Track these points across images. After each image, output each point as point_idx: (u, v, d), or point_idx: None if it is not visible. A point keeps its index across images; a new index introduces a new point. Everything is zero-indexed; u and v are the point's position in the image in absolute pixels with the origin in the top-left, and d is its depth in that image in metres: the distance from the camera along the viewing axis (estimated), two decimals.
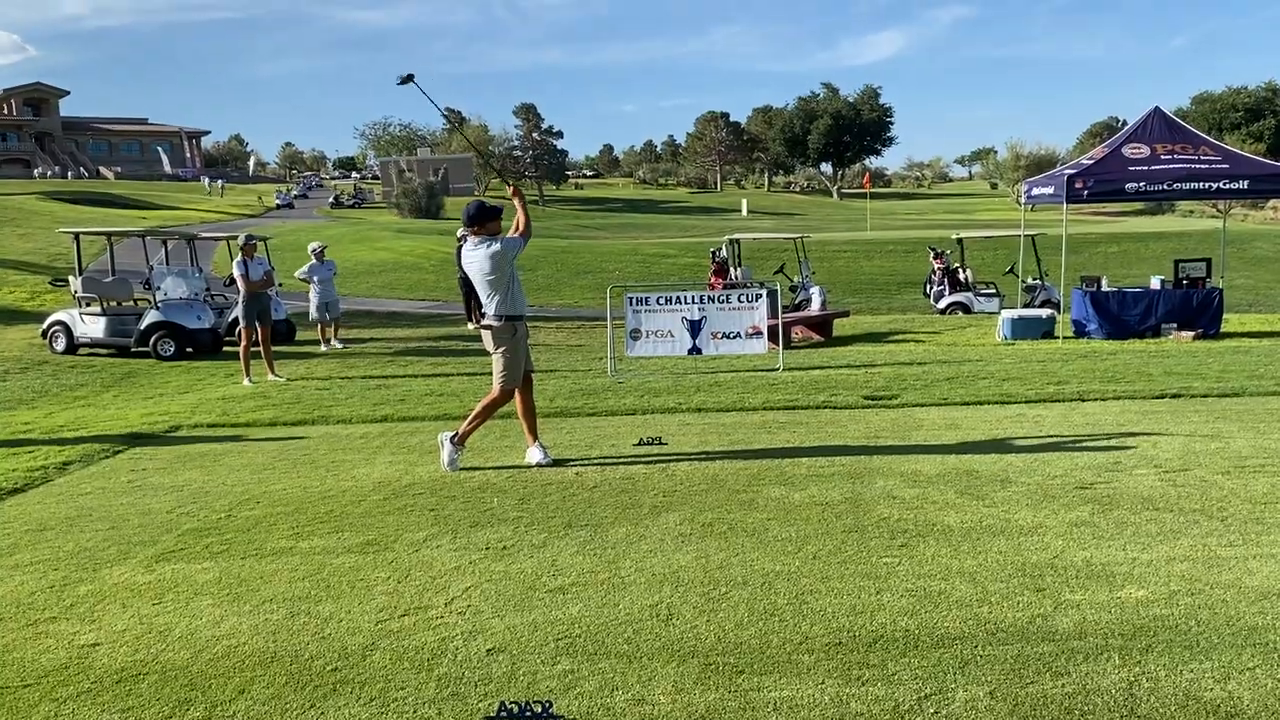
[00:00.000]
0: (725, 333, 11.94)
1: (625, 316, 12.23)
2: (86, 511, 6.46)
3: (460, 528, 5.78)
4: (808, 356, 14.03)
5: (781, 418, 8.95)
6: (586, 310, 24.83)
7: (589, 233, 53.46)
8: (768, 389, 10.51)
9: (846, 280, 31.05)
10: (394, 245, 39.20)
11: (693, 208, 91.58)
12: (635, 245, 41.16)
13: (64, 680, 3.88)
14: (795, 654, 3.89)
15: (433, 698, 3.63)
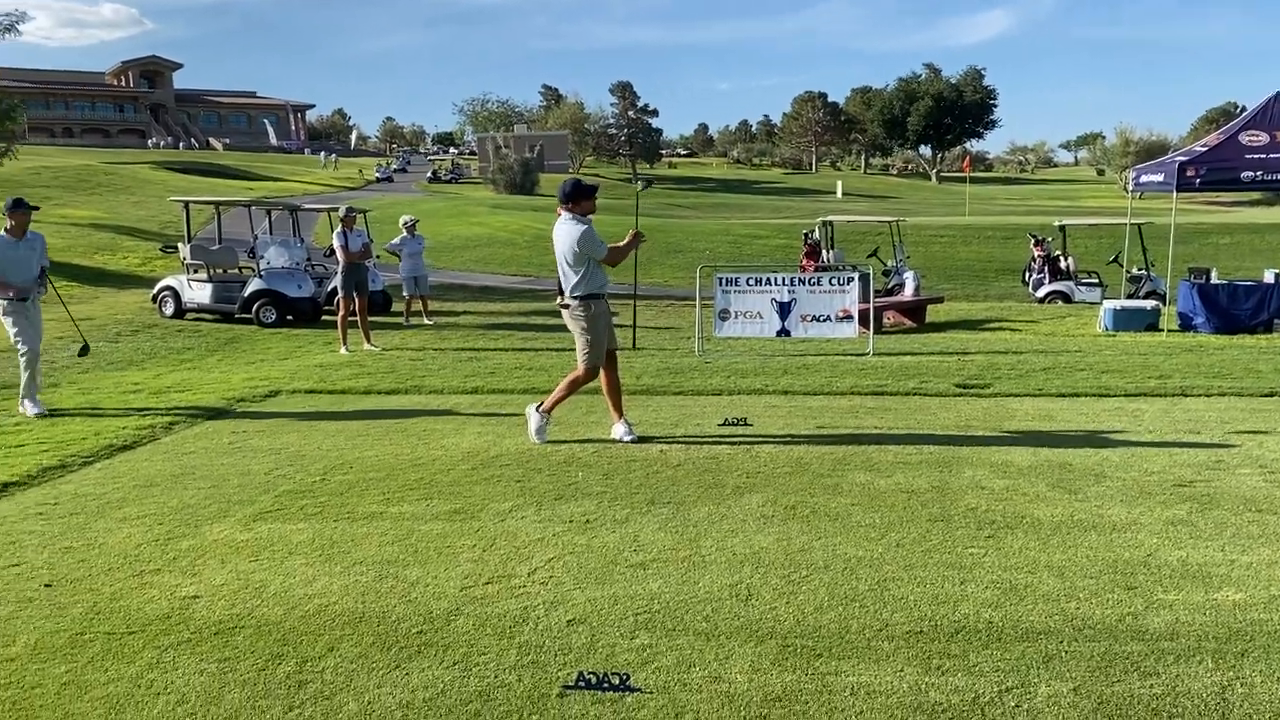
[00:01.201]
0: (815, 315, 11.83)
1: (714, 296, 12.20)
2: (190, 470, 6.73)
3: (545, 500, 5.87)
4: (899, 342, 13.81)
5: (869, 403, 8.85)
6: (676, 289, 24.84)
7: (681, 212, 53.37)
8: (856, 373, 10.39)
9: (942, 266, 30.44)
10: (489, 220, 39.70)
11: (786, 189, 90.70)
12: (727, 225, 40.97)
13: (165, 629, 4.07)
14: (875, 640, 3.86)
15: (513, 664, 3.71)
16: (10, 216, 8.59)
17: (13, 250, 8.63)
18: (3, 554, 5.02)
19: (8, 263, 8.60)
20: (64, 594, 4.46)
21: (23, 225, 8.66)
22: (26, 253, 8.73)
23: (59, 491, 6.24)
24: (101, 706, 3.42)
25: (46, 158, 50.77)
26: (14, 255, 8.63)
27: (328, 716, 3.33)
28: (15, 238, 8.66)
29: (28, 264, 8.72)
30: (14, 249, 8.64)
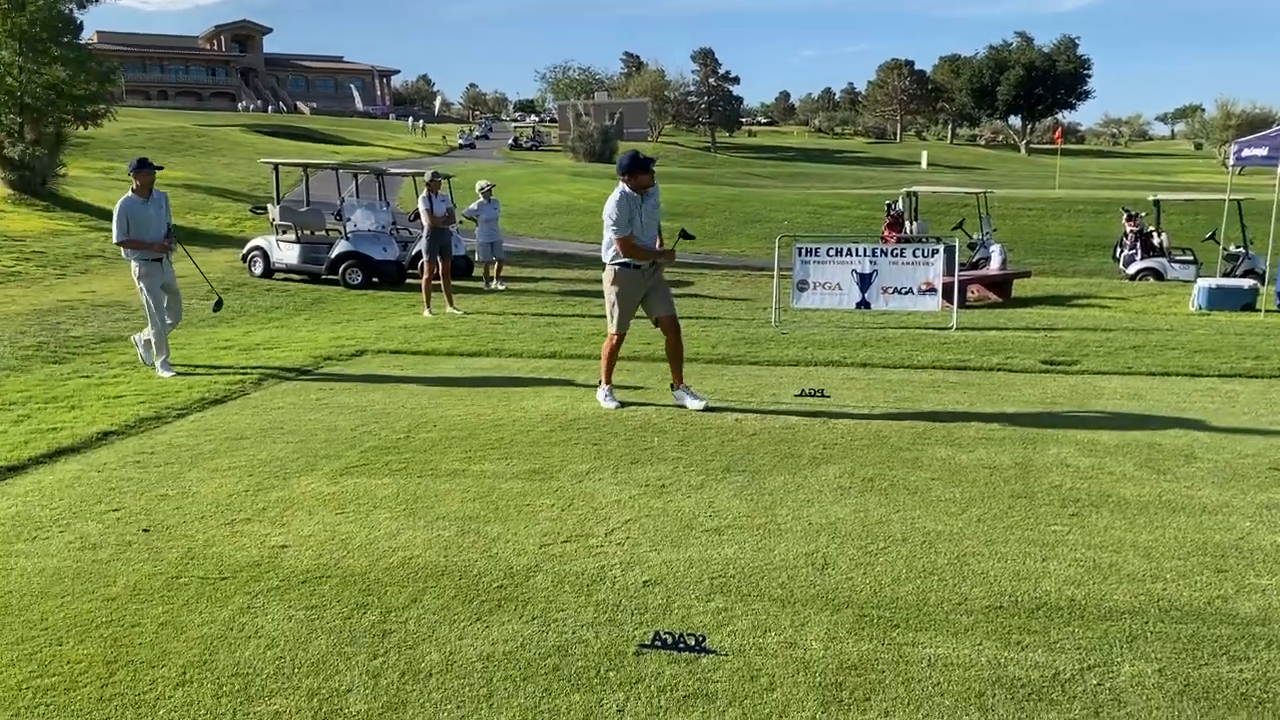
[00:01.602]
0: (897, 288, 11.64)
1: (793, 267, 12.09)
2: (278, 424, 6.93)
3: (621, 463, 5.92)
4: (983, 316, 13.55)
5: (952, 378, 8.71)
6: (753, 259, 24.68)
7: (759, 181, 52.87)
8: (938, 348, 10.23)
9: (1029, 240, 29.69)
10: (568, 188, 39.83)
11: (869, 158, 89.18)
12: (806, 195, 40.48)
13: (256, 576, 4.21)
14: (953, 614, 3.83)
15: (590, 621, 3.77)
16: (136, 176, 8.63)
17: (142, 209, 8.66)
18: (103, 499, 5.24)
19: (139, 221, 8.64)
20: (160, 539, 4.65)
21: (148, 185, 8.70)
22: (155, 211, 8.77)
23: (155, 441, 6.48)
24: (197, 647, 3.57)
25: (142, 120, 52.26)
26: (144, 214, 8.66)
27: (411, 666, 3.43)
28: (143, 198, 8.68)
29: (158, 223, 8.77)
30: (143, 208, 8.66)
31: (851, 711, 3.15)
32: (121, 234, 8.60)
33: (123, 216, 8.59)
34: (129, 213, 8.61)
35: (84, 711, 3.13)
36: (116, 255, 18.90)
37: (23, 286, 14.89)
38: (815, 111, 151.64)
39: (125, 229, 8.60)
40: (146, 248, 8.69)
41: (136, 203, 8.64)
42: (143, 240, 8.67)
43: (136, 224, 8.63)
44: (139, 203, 8.65)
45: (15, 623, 3.76)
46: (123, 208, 8.59)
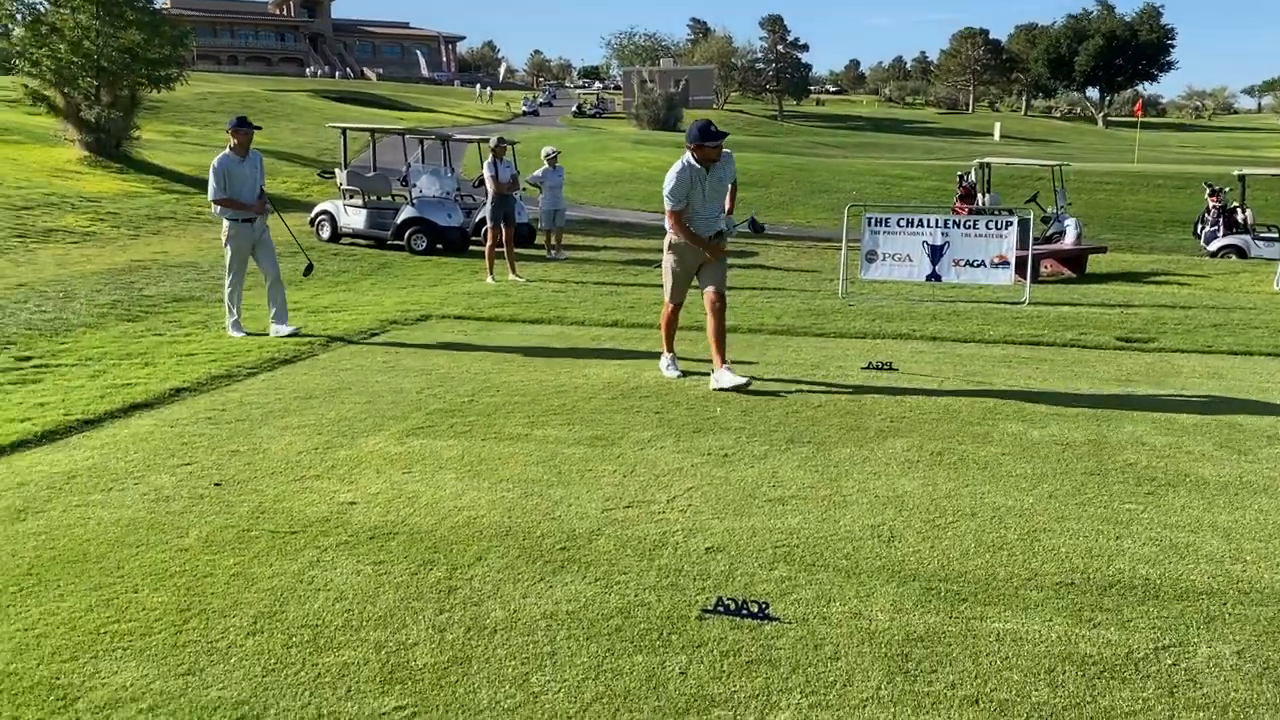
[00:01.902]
0: (969, 260, 11.40)
1: (861, 237, 11.91)
2: (346, 385, 7.02)
3: (683, 432, 5.90)
4: (1057, 292, 13.24)
5: (1024, 353, 8.53)
6: (819, 230, 24.39)
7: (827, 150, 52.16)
8: (1010, 322, 10.02)
9: (1106, 214, 28.91)
10: (631, 156, 39.67)
11: (940, 129, 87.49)
12: (875, 165, 39.86)
13: (325, 531, 4.28)
14: (1023, 589, 3.76)
15: (653, 585, 3.76)
16: (234, 134, 8.57)
17: (238, 168, 8.57)
18: (176, 454, 5.36)
19: (235, 180, 8.55)
20: (232, 493, 4.74)
21: (245, 143, 8.63)
22: (251, 171, 8.70)
23: (226, 399, 6.61)
24: (267, 598, 3.63)
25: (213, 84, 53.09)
26: (240, 173, 8.58)
27: (476, 622, 3.45)
28: (240, 156, 8.61)
29: (253, 182, 8.69)
30: (239, 167, 8.58)
31: (918, 682, 3.10)
32: (219, 191, 8.51)
33: (220, 174, 8.49)
34: (226, 170, 8.51)
35: (160, 656, 3.21)
36: (188, 217, 19.32)
37: (98, 246, 15.27)
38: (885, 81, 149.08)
39: (223, 186, 8.50)
40: (241, 207, 8.62)
41: (233, 161, 8.56)
42: (237, 199, 8.60)
43: (232, 182, 8.53)
44: (235, 161, 8.57)
45: (93, 570, 3.86)
46: (220, 165, 8.50)
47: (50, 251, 14.29)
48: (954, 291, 12.19)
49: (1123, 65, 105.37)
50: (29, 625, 3.40)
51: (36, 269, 12.69)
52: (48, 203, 17.91)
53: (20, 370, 7.36)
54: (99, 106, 23.18)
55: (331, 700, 2.96)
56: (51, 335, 8.73)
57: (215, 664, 3.17)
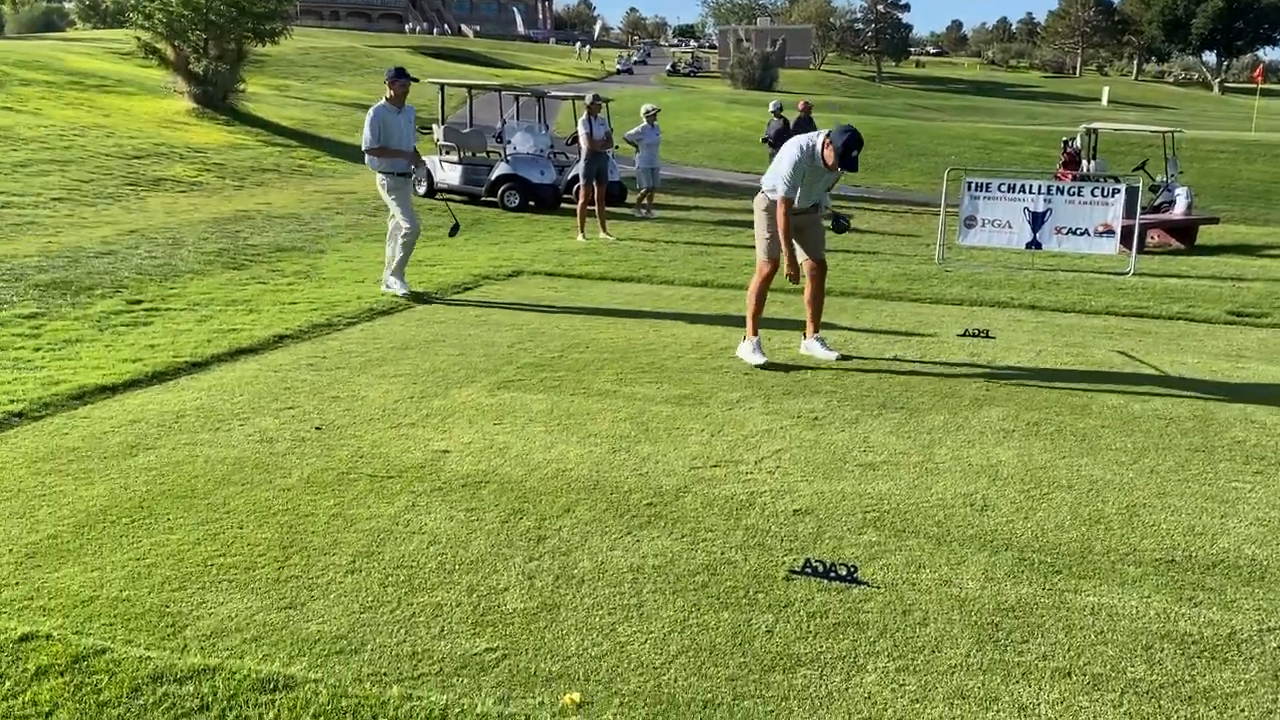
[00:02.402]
0: (1071, 228, 11.04)
1: (960, 202, 11.62)
2: (440, 337, 7.14)
3: (773, 394, 5.87)
4: (1164, 263, 12.76)
5: (1127, 324, 8.26)
6: (915, 194, 23.87)
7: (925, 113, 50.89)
8: (1114, 293, 9.71)
9: (1219, 184, 27.69)
10: (724, 116, 39.26)
11: (1044, 93, 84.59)
12: (976, 129, 38.76)
13: (420, 477, 4.38)
14: (1120, 564, 3.67)
15: (740, 544, 3.77)
16: (391, 85, 8.40)
17: (394, 119, 8.39)
18: (279, 397, 5.53)
19: (392, 131, 8.38)
20: (332, 437, 4.88)
21: (402, 95, 8.43)
22: (405, 123, 8.50)
23: (326, 347, 6.78)
24: (365, 538, 3.74)
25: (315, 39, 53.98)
26: (395, 123, 8.39)
27: (564, 571, 3.51)
28: (396, 107, 8.42)
29: (407, 134, 8.50)
30: (395, 117, 8.40)
31: (1008, 651, 3.06)
32: (373, 140, 8.35)
33: (375, 123, 8.34)
34: (381, 120, 8.36)
35: (262, 590, 3.33)
36: (290, 170, 19.78)
37: (204, 196, 15.74)
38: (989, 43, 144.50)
39: (377, 135, 8.36)
40: (395, 155, 8.44)
41: (389, 111, 8.39)
42: (393, 150, 8.43)
43: (387, 132, 8.37)
44: (391, 111, 8.40)
45: (200, 505, 4.03)
46: (375, 114, 8.37)
47: (159, 199, 14.78)
48: (1055, 260, 11.84)
49: (1243, 29, 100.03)
50: (140, 555, 3.57)
51: (147, 216, 13.15)
52: (157, 152, 18.50)
53: (132, 313, 7.65)
54: (207, 59, 23.78)
55: (425, 639, 3.05)
56: (161, 280, 9.06)
57: (315, 599, 3.28)
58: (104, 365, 6.06)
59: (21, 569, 3.43)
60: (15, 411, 5.10)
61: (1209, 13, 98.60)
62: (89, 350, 6.49)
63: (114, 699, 2.67)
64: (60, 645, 2.92)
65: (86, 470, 4.37)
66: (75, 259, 9.77)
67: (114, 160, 17.08)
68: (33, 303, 7.80)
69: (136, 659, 2.86)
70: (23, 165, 15.37)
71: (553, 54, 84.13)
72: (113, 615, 3.14)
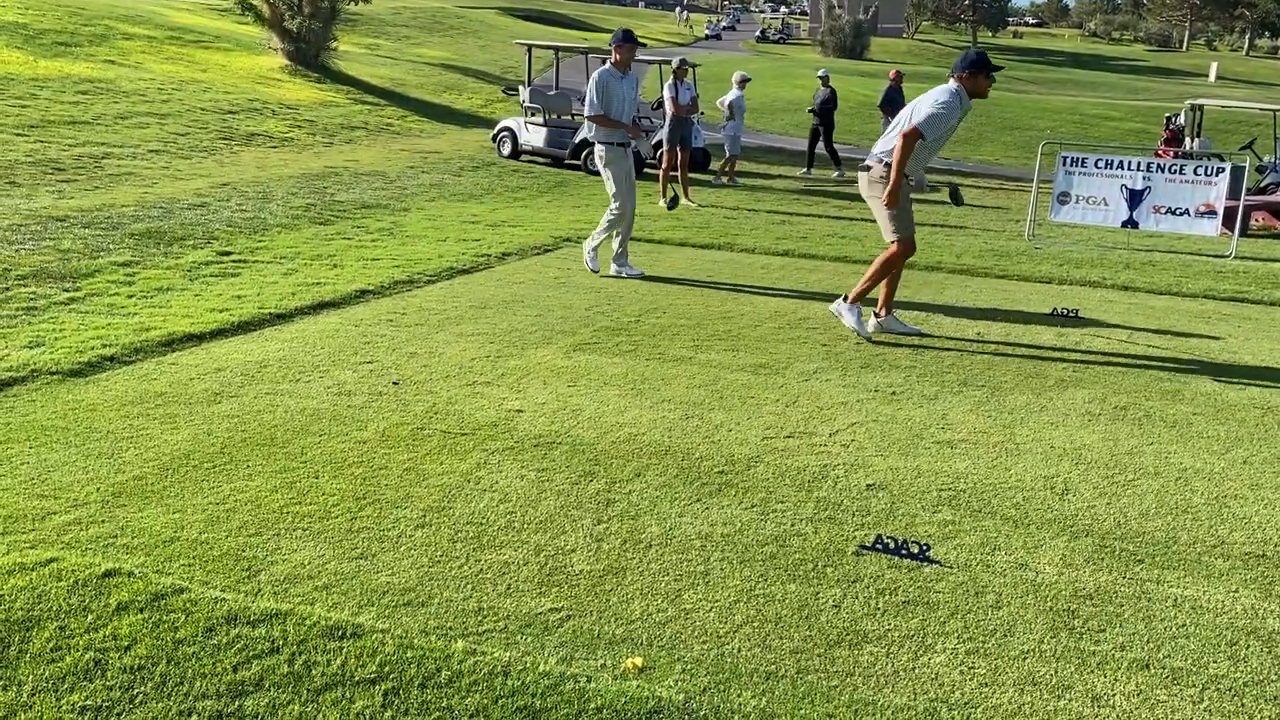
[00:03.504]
0: (1171, 208, 10.64)
1: (1055, 178, 11.27)
2: (519, 298, 7.18)
3: (850, 367, 5.77)
4: (1268, 247, 12.24)
5: (1225, 309, 7.94)
6: (1007, 169, 23.24)
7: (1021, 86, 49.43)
8: (1212, 276, 9.33)
9: None
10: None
11: (1147, 68, 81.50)
12: (1074, 103, 37.55)
13: (493, 435, 4.41)
14: (1206, 556, 3.53)
15: (810, 516, 3.72)
16: (617, 50, 7.92)
17: (618, 85, 7.93)
18: (359, 351, 5.61)
19: (613, 97, 7.92)
20: (408, 393, 4.94)
21: (628, 60, 7.96)
22: (629, 90, 8.04)
23: (406, 304, 6.86)
24: (437, 493, 3.78)
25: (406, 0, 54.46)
26: (618, 90, 7.94)
27: (632, 535, 3.50)
28: (621, 73, 7.97)
29: (630, 102, 8.05)
30: (619, 84, 7.94)
31: (1084, 639, 2.97)
32: (598, 106, 7.88)
33: (600, 88, 7.87)
34: (605, 85, 7.89)
35: (335, 539, 3.39)
36: (379, 128, 20.02)
37: (295, 151, 16.02)
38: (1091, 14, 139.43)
39: (602, 102, 7.89)
40: (615, 126, 7.95)
41: (613, 77, 7.92)
42: (613, 118, 7.95)
43: (609, 99, 7.91)
44: (616, 77, 7.93)
45: (279, 454, 4.11)
46: (599, 79, 7.90)
47: (251, 154, 15.10)
48: (1151, 240, 11.44)
49: None
50: (220, 500, 3.66)
51: (239, 170, 13.44)
52: (251, 108, 18.88)
53: (221, 264, 7.84)
54: (301, 17, 24.13)
55: (491, 596, 3.07)
56: (250, 233, 9.25)
57: (386, 551, 3.33)
58: (192, 314, 6.22)
59: (107, 508, 3.54)
60: (108, 355, 5.27)
61: None
62: (179, 299, 6.66)
63: (189, 637, 2.75)
64: (141, 583, 3.00)
65: (172, 415, 4.49)
66: (170, 210, 10.04)
67: (209, 115, 17.47)
68: (128, 251, 8.04)
69: (212, 600, 2.93)
70: (123, 117, 15.82)
71: (642, 17, 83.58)
72: (191, 556, 3.22)
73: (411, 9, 48.04)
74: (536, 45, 19.41)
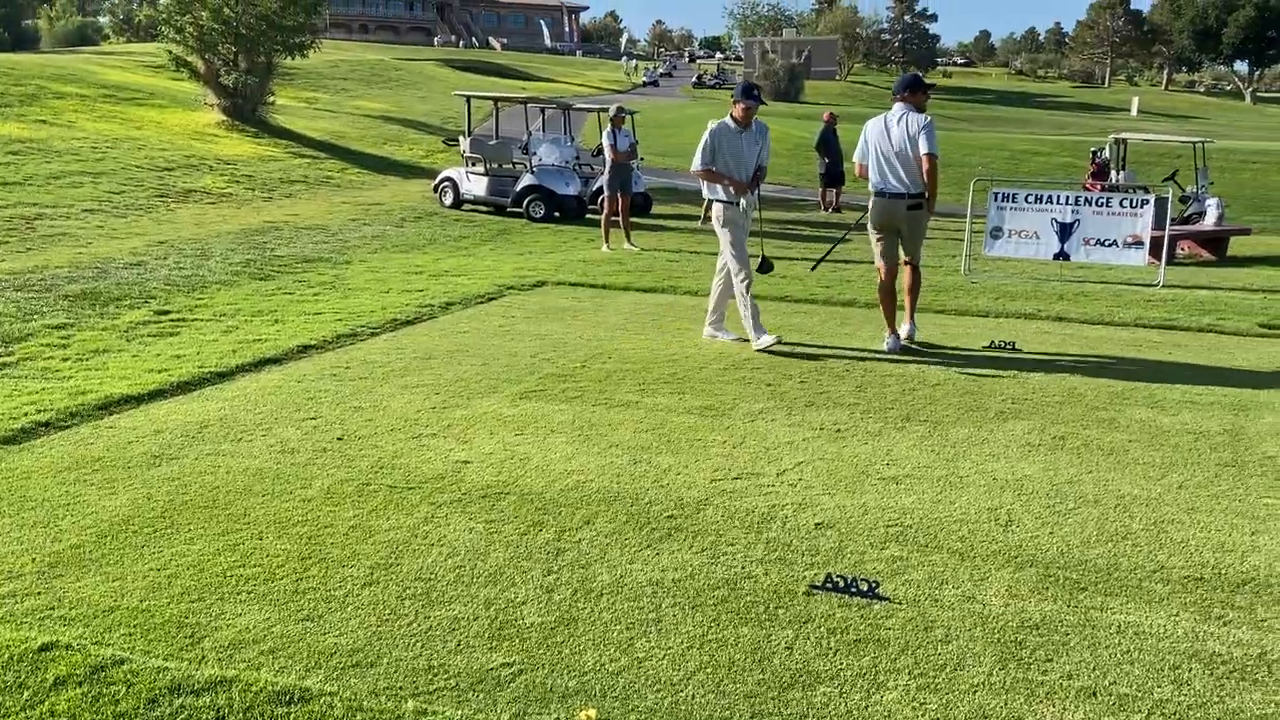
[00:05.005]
0: (1100, 239, 10.93)
1: (987, 213, 11.54)
2: (463, 347, 7.16)
3: (795, 405, 5.83)
4: (1194, 275, 12.62)
5: (1155, 337, 8.16)
6: (941, 205, 23.74)
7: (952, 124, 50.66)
8: (1142, 305, 9.60)
9: (1251, 195, 27.38)
10: None
11: (1072, 104, 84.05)
12: (1003, 139, 38.54)
13: (440, 488, 4.38)
14: (1147, 581, 3.61)
15: (760, 558, 3.74)
16: (735, 105, 7.35)
17: (734, 139, 7.28)
18: (302, 408, 5.55)
19: (728, 153, 7.29)
20: (353, 448, 4.89)
21: (749, 116, 7.30)
22: (749, 145, 7.34)
23: (350, 357, 6.81)
24: (384, 550, 3.74)
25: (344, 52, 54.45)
26: (735, 145, 7.29)
27: (583, 584, 3.49)
28: (739, 127, 7.31)
29: (749, 158, 7.36)
30: (735, 138, 7.29)
31: (1032, 670, 3.01)
32: (703, 161, 7.31)
33: (711, 143, 7.29)
34: (717, 139, 7.28)
35: (280, 601, 3.33)
36: (318, 181, 19.94)
37: (234, 207, 15.89)
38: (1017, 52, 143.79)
39: (708, 157, 7.30)
40: (719, 180, 7.30)
41: (729, 130, 7.29)
42: (716, 172, 7.30)
43: (723, 154, 7.28)
44: (733, 131, 7.28)
45: (221, 516, 4.04)
46: (712, 133, 7.33)
47: (189, 211, 14.94)
48: (1083, 271, 11.73)
49: (1275, 37, 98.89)
50: (161, 566, 3.58)
51: (176, 227, 13.29)
52: (188, 164, 18.71)
53: (159, 323, 7.72)
54: (237, 72, 24.04)
55: (442, 653, 3.04)
56: (189, 291, 9.14)
57: (333, 611, 3.28)
58: (130, 375, 6.11)
59: (44, 578, 3.45)
60: (42, 421, 5.15)
61: (1240, 21, 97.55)
62: (116, 360, 6.55)
63: (131, 710, 2.68)
64: (80, 655, 2.92)
65: (110, 480, 4.39)
66: (105, 270, 9.88)
67: (145, 172, 17.28)
68: (62, 313, 7.89)
69: (154, 670, 2.86)
70: (56, 177, 15.59)
71: (579, 66, 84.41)
72: (132, 625, 3.15)
73: (349, 62, 48.07)
74: (475, 96, 19.52)
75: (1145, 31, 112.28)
